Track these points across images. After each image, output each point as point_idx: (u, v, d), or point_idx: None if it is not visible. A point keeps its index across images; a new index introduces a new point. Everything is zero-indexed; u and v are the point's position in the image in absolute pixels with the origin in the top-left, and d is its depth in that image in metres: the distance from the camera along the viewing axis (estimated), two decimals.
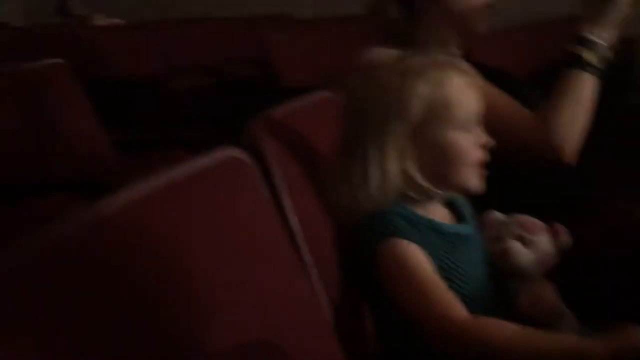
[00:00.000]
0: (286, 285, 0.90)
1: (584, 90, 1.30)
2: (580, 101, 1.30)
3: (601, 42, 1.31)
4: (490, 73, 1.30)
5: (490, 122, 1.06)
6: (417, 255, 0.96)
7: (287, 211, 0.98)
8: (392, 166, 0.98)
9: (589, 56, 1.30)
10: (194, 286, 0.74)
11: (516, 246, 1.05)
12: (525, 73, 3.58)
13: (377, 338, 1.04)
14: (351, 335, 1.00)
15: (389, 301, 0.96)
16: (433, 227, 1.01)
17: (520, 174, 1.40)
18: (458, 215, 1.08)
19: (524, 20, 3.51)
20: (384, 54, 1.03)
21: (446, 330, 0.90)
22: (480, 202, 1.13)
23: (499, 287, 1.07)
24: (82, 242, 0.65)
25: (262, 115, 1.06)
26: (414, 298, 0.94)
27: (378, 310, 1.04)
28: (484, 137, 1.02)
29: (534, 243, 1.06)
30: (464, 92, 1.00)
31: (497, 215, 1.14)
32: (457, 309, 0.92)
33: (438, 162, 1.00)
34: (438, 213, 1.05)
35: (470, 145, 1.01)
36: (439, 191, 1.02)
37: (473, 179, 1.02)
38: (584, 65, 1.30)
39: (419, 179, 0.99)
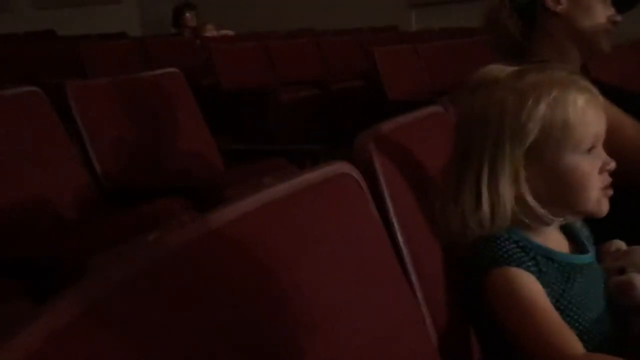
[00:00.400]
0: (393, 307, 0.88)
1: None
2: None
3: None
4: (609, 91, 1.23)
5: (614, 144, 1.00)
6: (530, 284, 0.91)
7: (395, 230, 0.95)
8: (506, 190, 0.93)
9: None
10: (300, 303, 0.73)
11: (639, 279, 0.98)
12: None
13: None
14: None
15: (499, 330, 0.92)
16: (548, 255, 0.95)
17: None
18: (576, 243, 1.02)
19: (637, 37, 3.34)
20: (499, 70, 0.98)
21: None
22: (603, 230, 1.06)
23: (619, 323, 1.00)
24: (190, 253, 0.66)
25: (371, 130, 1.04)
26: (525, 329, 0.89)
27: (486, 338, 0.99)
28: (607, 159, 0.96)
29: None
30: (585, 112, 0.93)
31: (620, 244, 1.07)
32: (571, 343, 0.86)
33: (556, 187, 0.94)
34: (554, 240, 0.99)
35: (591, 169, 0.94)
36: (556, 217, 0.97)
37: (595, 205, 0.95)
38: None
39: (535, 204, 0.94)
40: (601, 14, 1.41)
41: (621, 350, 0.97)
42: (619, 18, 1.42)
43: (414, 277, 0.95)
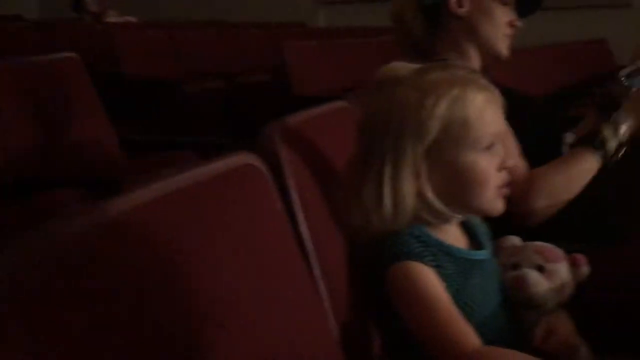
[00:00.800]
0: (295, 300, 0.87)
1: (585, 171, 1.31)
2: (576, 180, 1.31)
3: (626, 136, 1.32)
4: (505, 92, 1.27)
5: None
6: (429, 279, 0.92)
7: (300, 222, 0.94)
8: (407, 187, 0.94)
9: (612, 146, 1.32)
10: (199, 294, 0.70)
11: (533, 275, 1.01)
12: (542, 94, 3.58)
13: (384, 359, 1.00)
14: (358, 354, 0.96)
15: (399, 323, 0.93)
16: (447, 251, 0.97)
17: None
18: (474, 239, 1.05)
19: (538, 42, 3.49)
20: (402, 68, 0.99)
21: (456, 359, 0.86)
22: (501, 225, 1.09)
23: (514, 316, 1.03)
24: (82, 245, 0.62)
25: (278, 122, 1.03)
26: (424, 322, 0.90)
27: (387, 331, 1.00)
28: (505, 157, 0.98)
29: (551, 272, 1.02)
30: (484, 111, 0.95)
31: (515, 241, 1.10)
32: (469, 337, 0.89)
33: (456, 184, 0.96)
34: (453, 236, 1.01)
35: (490, 167, 0.97)
36: (455, 214, 0.99)
37: (492, 202, 0.98)
38: (603, 153, 1.31)
39: (435, 201, 0.96)
40: (502, 18, 1.46)
41: (515, 343, 1.01)
42: (519, 23, 1.48)
43: (317, 271, 0.94)
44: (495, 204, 0.98)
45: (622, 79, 1.40)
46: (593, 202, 1.40)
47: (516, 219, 1.24)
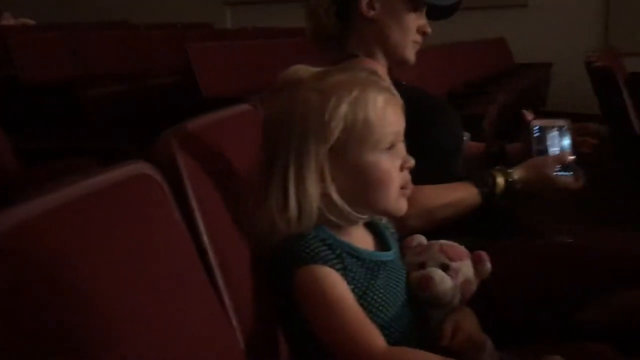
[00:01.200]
0: (198, 314, 0.83)
1: (467, 207, 1.38)
2: (454, 209, 1.37)
3: (517, 188, 1.40)
4: (408, 92, 1.28)
5: None
6: (335, 282, 0.91)
7: (200, 232, 0.91)
8: (312, 189, 0.93)
9: (499, 189, 1.40)
10: (92, 309, 0.66)
11: (438, 274, 1.03)
12: (441, 94, 3.68)
13: None
14: None
15: (307, 330, 0.92)
16: (353, 253, 0.97)
17: None
18: (380, 240, 1.05)
19: (440, 41, 3.59)
20: (303, 71, 0.98)
21: None
22: None
23: (421, 315, 1.04)
24: None
25: (175, 128, 0.99)
26: (331, 326, 0.89)
27: (295, 339, 0.98)
28: (406, 157, 0.99)
29: (456, 270, 1.04)
30: (384, 111, 0.96)
31: (421, 239, 1.11)
32: (374, 338, 0.88)
33: (359, 185, 0.96)
34: (360, 238, 1.01)
35: (392, 167, 0.97)
36: (360, 215, 0.99)
37: (396, 203, 0.99)
38: (488, 196, 1.39)
39: (340, 202, 0.95)
40: (412, 25, 1.47)
41: (422, 342, 1.02)
42: (429, 30, 1.50)
43: (220, 281, 0.91)
44: (398, 204, 0.99)
45: (534, 129, 1.47)
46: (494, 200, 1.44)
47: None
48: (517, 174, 1.42)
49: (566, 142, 1.49)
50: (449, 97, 3.72)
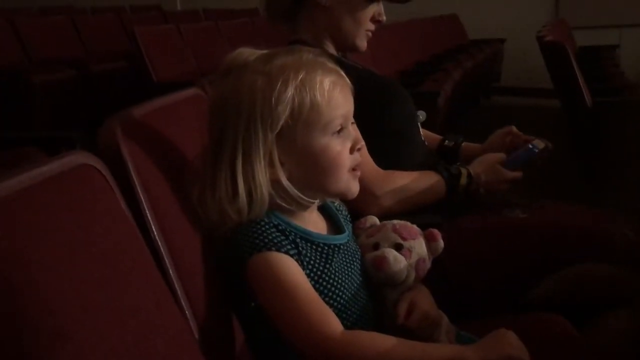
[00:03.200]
0: (149, 303, 0.81)
1: (434, 195, 1.40)
2: (423, 195, 1.39)
3: (480, 185, 1.43)
4: (359, 75, 1.27)
5: None
6: (289, 267, 0.90)
7: (149, 222, 0.89)
8: (261, 175, 0.92)
9: (463, 183, 1.42)
10: (36, 306, 0.64)
11: (392, 254, 1.02)
12: (395, 72, 3.67)
13: (248, 357, 0.97)
14: (221, 355, 0.93)
15: (261, 317, 0.90)
16: (306, 238, 0.96)
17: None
18: (334, 223, 1.04)
19: (391, 20, 3.59)
20: (249, 53, 0.96)
21: (318, 347, 0.86)
22: None
23: (376, 296, 1.04)
24: None
25: (119, 114, 0.96)
26: (286, 312, 0.88)
27: (249, 327, 0.97)
28: (357, 139, 0.98)
29: (409, 249, 1.04)
30: (332, 93, 0.94)
31: (373, 220, 1.11)
32: (330, 323, 0.88)
33: (310, 169, 0.95)
34: (312, 222, 1.00)
35: (342, 150, 0.96)
36: (312, 199, 0.97)
37: (348, 185, 0.98)
38: (454, 182, 1.41)
39: (290, 187, 0.94)
40: (366, 15, 1.45)
41: (378, 323, 1.01)
42: (384, 18, 1.48)
43: (171, 271, 0.89)
44: (350, 186, 0.98)
45: (530, 146, 1.49)
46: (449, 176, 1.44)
47: (358, 207, 1.25)
48: (472, 169, 1.45)
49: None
50: (402, 76, 3.72)
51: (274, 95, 0.91)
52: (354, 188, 0.99)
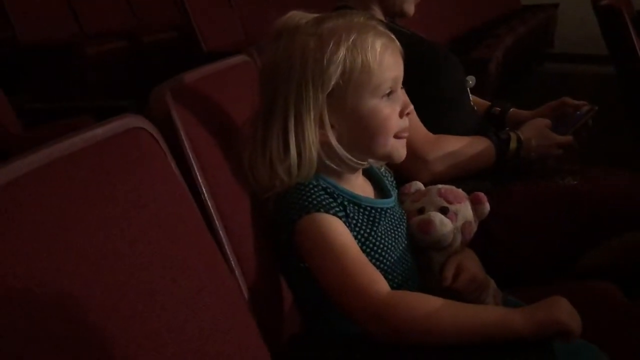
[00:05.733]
0: (197, 263, 0.83)
1: (485, 159, 1.39)
2: (473, 162, 1.37)
3: (531, 150, 1.41)
4: (409, 41, 1.26)
5: None
6: (337, 229, 0.91)
7: (200, 185, 0.91)
8: (312, 136, 0.93)
9: (513, 147, 1.41)
10: (95, 269, 0.67)
11: (438, 217, 1.02)
12: (446, 38, 3.61)
13: (297, 317, 0.99)
14: (270, 316, 0.95)
15: (310, 279, 0.92)
16: (354, 201, 0.96)
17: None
18: (380, 188, 1.04)
19: None
20: (299, 17, 0.96)
21: (366, 306, 0.86)
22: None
23: (423, 260, 1.04)
24: None
25: (170, 81, 0.98)
26: (333, 273, 0.89)
27: (298, 288, 0.99)
28: (406, 103, 0.98)
29: (455, 212, 1.04)
30: (383, 56, 0.94)
31: (418, 185, 1.11)
32: (377, 283, 0.88)
33: (359, 131, 0.95)
34: (359, 186, 1.01)
35: (391, 113, 0.96)
36: (360, 161, 0.98)
37: (395, 148, 0.98)
38: (504, 147, 1.40)
39: (339, 149, 0.95)
40: None
41: (423, 287, 1.02)
42: None
43: (221, 233, 0.92)
44: (398, 150, 0.98)
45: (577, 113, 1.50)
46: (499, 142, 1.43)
47: (409, 172, 1.25)
48: (522, 133, 1.44)
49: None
50: (453, 42, 3.66)
51: (326, 56, 0.92)
52: (402, 152, 0.99)
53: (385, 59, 0.95)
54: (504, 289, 1.10)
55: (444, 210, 1.04)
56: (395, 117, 0.97)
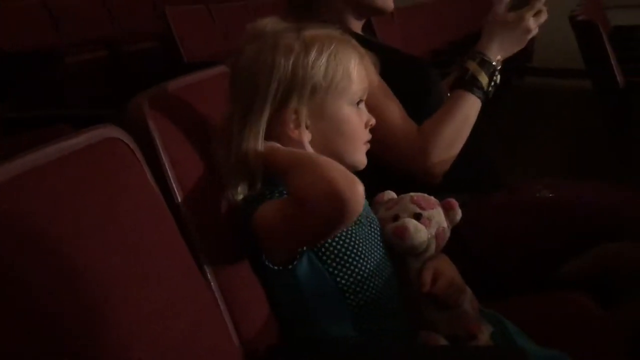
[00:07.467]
0: (175, 274, 0.83)
1: (469, 113, 1.31)
2: (462, 123, 1.31)
3: (498, 67, 1.31)
4: (391, 55, 1.27)
5: (373, 127, 1.04)
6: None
7: (176, 195, 0.90)
8: (287, 134, 0.95)
9: (484, 79, 1.31)
10: (68, 281, 0.66)
11: (412, 223, 1.04)
12: (427, 52, 3.64)
13: (277, 327, 0.99)
14: (248, 325, 0.94)
15: (287, 282, 0.93)
16: None
17: None
18: None
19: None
20: (278, 22, 0.98)
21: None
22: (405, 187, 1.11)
23: (399, 266, 1.05)
24: None
25: (147, 91, 0.98)
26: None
27: (277, 294, 0.98)
28: (369, 116, 1.02)
29: (429, 218, 1.05)
30: (359, 67, 0.99)
31: (391, 194, 1.12)
32: None
33: (332, 135, 0.98)
34: None
35: (361, 122, 1.01)
36: None
37: (361, 156, 1.01)
38: (477, 88, 1.31)
39: (310, 149, 0.96)
40: None
41: (403, 294, 1.03)
42: None
43: (197, 244, 0.91)
44: (362, 157, 1.02)
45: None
46: (474, 154, 1.44)
47: (419, 177, 1.25)
48: (481, 46, 1.33)
49: None
50: (435, 55, 3.69)
51: (310, 59, 0.94)
52: (365, 161, 1.02)
53: (361, 70, 0.99)
54: (481, 301, 1.10)
55: (417, 217, 1.05)
56: (363, 126, 1.01)
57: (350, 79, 0.97)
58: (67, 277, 0.67)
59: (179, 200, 0.91)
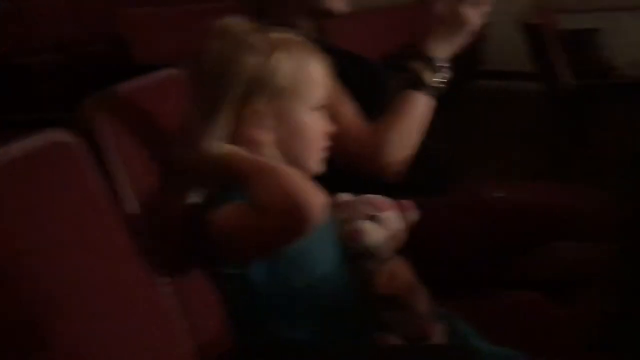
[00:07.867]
0: (126, 280, 0.82)
1: (420, 112, 1.30)
2: (414, 122, 1.30)
3: (443, 63, 1.31)
4: (345, 58, 1.27)
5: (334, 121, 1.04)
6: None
7: (124, 197, 0.89)
8: (249, 135, 0.94)
9: (429, 78, 1.30)
10: (8, 285, 0.64)
11: (367, 225, 1.04)
12: (380, 56, 3.66)
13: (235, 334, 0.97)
14: (204, 332, 0.93)
15: (245, 286, 0.92)
16: None
17: None
18: None
19: (377, 4, 3.56)
20: (241, 22, 0.97)
21: None
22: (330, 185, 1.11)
23: (355, 269, 1.05)
24: None
25: (97, 94, 0.96)
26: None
27: (234, 300, 0.96)
28: (328, 123, 1.02)
29: (384, 220, 1.05)
30: (321, 72, 0.99)
31: (345, 197, 1.12)
32: None
33: (292, 138, 0.97)
34: None
35: (320, 130, 1.00)
36: None
37: (317, 162, 1.01)
38: (424, 86, 1.30)
39: (272, 152, 0.96)
40: None
41: (357, 294, 1.03)
42: None
43: (148, 244, 0.89)
44: (318, 163, 1.01)
45: None
46: (429, 156, 1.45)
47: (373, 177, 1.25)
48: (423, 45, 1.32)
49: None
50: (388, 59, 3.70)
51: (273, 62, 0.94)
52: (320, 167, 1.01)
53: (322, 76, 0.99)
54: (434, 301, 1.11)
55: (372, 219, 1.05)
56: (321, 133, 1.00)
57: (313, 85, 0.97)
58: (8, 280, 0.65)
59: (130, 202, 0.90)
